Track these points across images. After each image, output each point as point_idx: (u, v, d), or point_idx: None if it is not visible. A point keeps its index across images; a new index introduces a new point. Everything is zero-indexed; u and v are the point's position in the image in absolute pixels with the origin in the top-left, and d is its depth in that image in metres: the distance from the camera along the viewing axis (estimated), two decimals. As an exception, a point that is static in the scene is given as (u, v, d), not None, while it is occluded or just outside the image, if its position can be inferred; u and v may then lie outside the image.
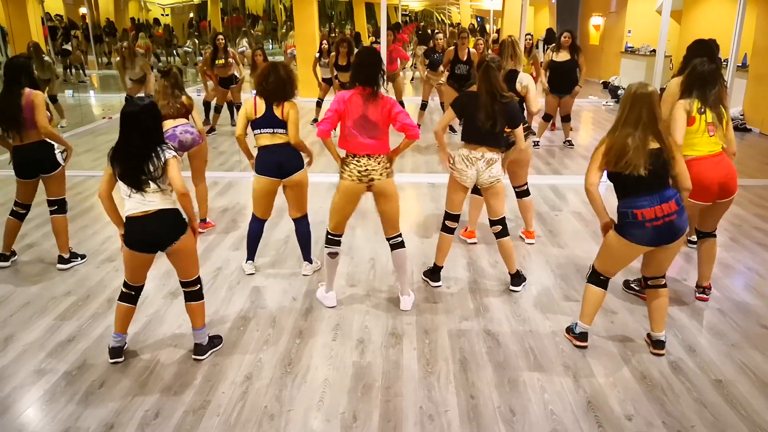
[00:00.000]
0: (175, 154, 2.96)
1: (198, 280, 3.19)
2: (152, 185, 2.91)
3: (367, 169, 3.47)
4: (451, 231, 3.99)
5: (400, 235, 3.70)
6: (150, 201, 2.93)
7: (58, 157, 4.26)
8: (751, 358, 3.24)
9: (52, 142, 4.24)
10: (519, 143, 3.88)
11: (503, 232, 3.91)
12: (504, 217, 3.91)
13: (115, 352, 3.18)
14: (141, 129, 2.90)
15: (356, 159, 3.48)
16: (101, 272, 4.28)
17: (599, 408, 2.83)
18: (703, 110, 3.55)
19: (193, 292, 3.18)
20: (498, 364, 3.18)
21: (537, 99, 4.67)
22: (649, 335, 3.33)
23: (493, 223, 3.93)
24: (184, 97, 4.63)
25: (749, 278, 4.21)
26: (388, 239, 3.72)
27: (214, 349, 3.28)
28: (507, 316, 3.68)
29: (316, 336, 3.46)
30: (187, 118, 4.69)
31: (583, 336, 3.32)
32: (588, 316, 3.29)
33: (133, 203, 2.94)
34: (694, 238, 4.88)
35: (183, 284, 3.17)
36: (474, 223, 4.84)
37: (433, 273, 4.09)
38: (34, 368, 3.13)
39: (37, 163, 4.20)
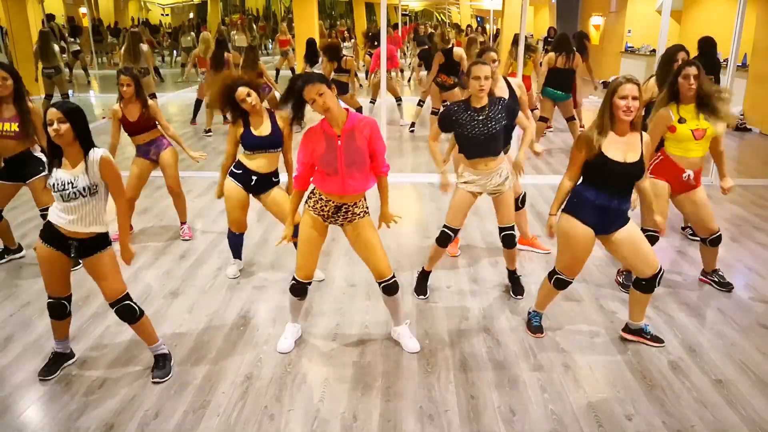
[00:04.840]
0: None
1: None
2: None
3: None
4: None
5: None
6: None
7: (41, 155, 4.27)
8: (751, 358, 3.24)
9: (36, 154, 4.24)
10: (525, 128, 3.74)
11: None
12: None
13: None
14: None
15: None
16: (101, 272, 4.28)
17: (599, 408, 2.83)
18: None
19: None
20: (498, 364, 3.18)
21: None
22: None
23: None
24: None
25: (749, 278, 4.21)
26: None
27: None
28: (507, 316, 3.68)
29: (316, 336, 3.46)
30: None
31: None
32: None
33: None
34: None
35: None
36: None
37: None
38: (34, 368, 3.12)
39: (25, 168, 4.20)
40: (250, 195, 4.00)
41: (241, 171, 3.92)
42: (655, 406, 2.84)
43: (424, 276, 3.96)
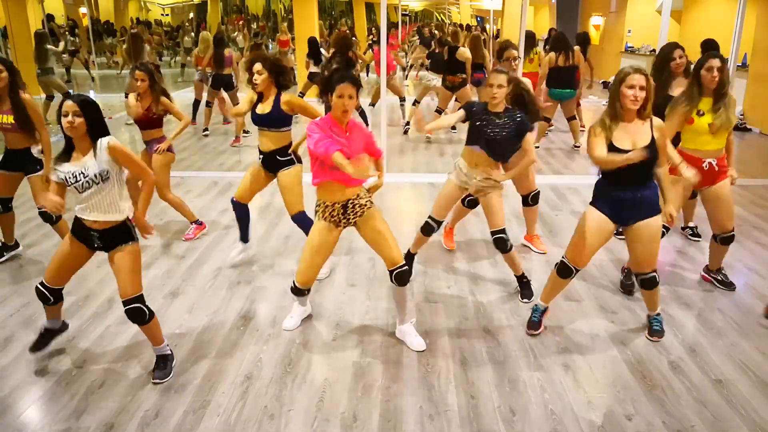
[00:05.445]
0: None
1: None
2: None
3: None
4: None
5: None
6: None
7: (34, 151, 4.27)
8: (751, 358, 3.24)
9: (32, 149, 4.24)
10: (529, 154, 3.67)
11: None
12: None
13: None
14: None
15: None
16: (101, 272, 4.28)
17: (599, 408, 2.83)
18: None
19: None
20: (498, 364, 3.18)
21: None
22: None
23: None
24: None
25: (749, 278, 4.21)
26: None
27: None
28: (507, 316, 3.68)
29: (316, 336, 3.46)
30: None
31: None
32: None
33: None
34: (692, 223, 4.92)
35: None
36: (454, 223, 4.71)
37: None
38: (34, 368, 3.13)
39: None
40: (271, 174, 4.11)
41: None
42: (655, 406, 2.84)
43: (409, 257, 4.05)
